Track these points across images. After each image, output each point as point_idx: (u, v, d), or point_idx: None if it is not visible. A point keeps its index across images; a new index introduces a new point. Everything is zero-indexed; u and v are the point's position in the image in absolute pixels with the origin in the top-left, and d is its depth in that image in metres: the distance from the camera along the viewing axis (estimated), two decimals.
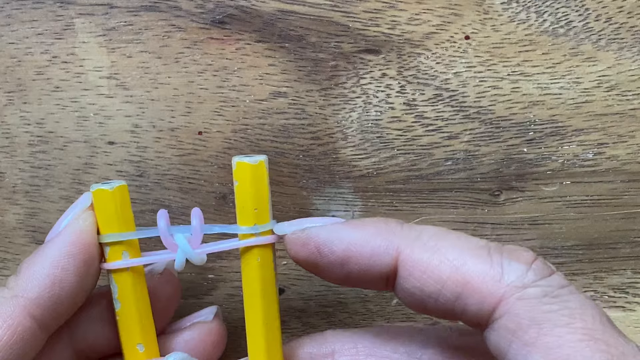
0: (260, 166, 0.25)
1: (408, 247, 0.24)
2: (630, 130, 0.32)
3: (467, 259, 0.23)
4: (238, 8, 0.30)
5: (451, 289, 0.23)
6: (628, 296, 0.33)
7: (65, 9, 0.30)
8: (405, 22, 0.31)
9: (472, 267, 0.23)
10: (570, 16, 0.31)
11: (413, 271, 0.23)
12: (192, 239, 0.26)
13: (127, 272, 0.25)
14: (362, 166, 0.32)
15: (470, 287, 0.22)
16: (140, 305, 0.26)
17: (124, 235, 0.25)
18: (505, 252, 0.23)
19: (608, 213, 0.32)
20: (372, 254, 0.24)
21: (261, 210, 0.25)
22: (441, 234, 0.24)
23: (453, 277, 0.23)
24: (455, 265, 0.23)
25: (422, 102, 0.31)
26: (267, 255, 0.26)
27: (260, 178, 0.25)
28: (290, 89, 0.31)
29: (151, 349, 0.26)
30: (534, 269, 0.23)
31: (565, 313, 0.22)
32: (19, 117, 0.31)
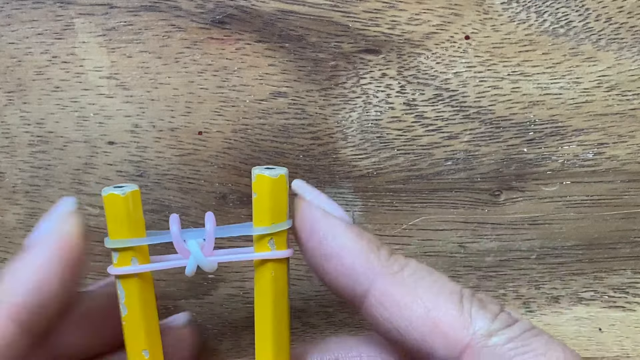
0: (281, 180, 0.25)
1: (386, 278, 0.24)
2: (630, 130, 0.32)
3: (440, 302, 0.24)
4: (238, 8, 0.30)
5: (419, 329, 0.23)
6: (628, 296, 0.33)
7: (65, 9, 0.30)
8: (405, 22, 0.31)
9: (443, 311, 0.23)
10: (570, 16, 0.31)
11: (384, 302, 0.24)
12: (205, 244, 0.26)
13: (135, 278, 0.25)
14: (362, 166, 0.32)
15: (439, 331, 0.23)
16: (147, 312, 0.25)
17: (135, 241, 0.25)
18: (475, 301, 0.24)
19: (608, 213, 0.32)
20: (351, 267, 0.24)
21: (279, 223, 0.25)
22: (422, 272, 0.25)
23: (422, 317, 0.23)
24: (427, 306, 0.23)
25: (422, 102, 0.31)
26: (281, 269, 0.25)
27: (280, 192, 0.25)
28: (290, 89, 0.31)
29: (157, 356, 0.26)
30: (500, 319, 0.23)
31: (530, 356, 0.22)
32: (19, 117, 0.31)
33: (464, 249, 0.32)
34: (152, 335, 0.26)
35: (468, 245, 0.32)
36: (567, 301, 0.33)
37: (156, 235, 0.25)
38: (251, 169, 0.25)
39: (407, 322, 0.24)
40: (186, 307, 0.32)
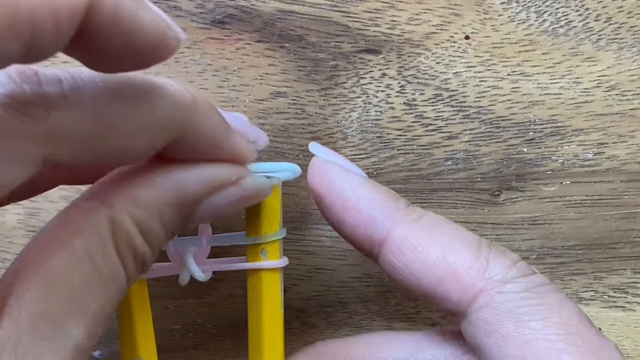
0: (274, 190, 0.25)
1: (405, 224, 0.25)
2: (630, 130, 0.32)
3: (457, 248, 0.24)
4: (238, 8, 0.30)
5: (435, 273, 0.24)
6: (628, 296, 0.33)
7: None
8: (405, 22, 0.31)
9: (460, 256, 0.24)
10: (570, 16, 0.31)
11: (403, 247, 0.24)
12: (198, 254, 0.26)
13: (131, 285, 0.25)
14: (362, 166, 0.32)
15: (454, 275, 0.23)
16: (142, 318, 0.25)
17: None
18: (493, 249, 0.24)
19: (608, 213, 0.32)
20: (370, 215, 0.25)
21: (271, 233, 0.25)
22: (440, 221, 0.25)
23: (439, 261, 0.24)
24: (444, 251, 0.24)
25: (422, 102, 0.31)
26: (273, 279, 0.25)
27: (273, 202, 0.25)
28: (290, 89, 0.31)
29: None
30: (517, 267, 0.24)
31: (543, 308, 0.22)
32: None
33: None
34: (147, 342, 0.25)
35: None
36: None
37: None
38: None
39: (424, 266, 0.24)
40: (186, 307, 0.32)
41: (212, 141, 0.22)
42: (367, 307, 0.33)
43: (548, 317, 0.22)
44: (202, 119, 0.21)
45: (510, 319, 0.22)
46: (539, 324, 0.22)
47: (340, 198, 0.25)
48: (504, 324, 0.22)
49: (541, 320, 0.22)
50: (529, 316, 0.22)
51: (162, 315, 0.33)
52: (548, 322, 0.22)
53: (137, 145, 0.20)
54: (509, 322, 0.22)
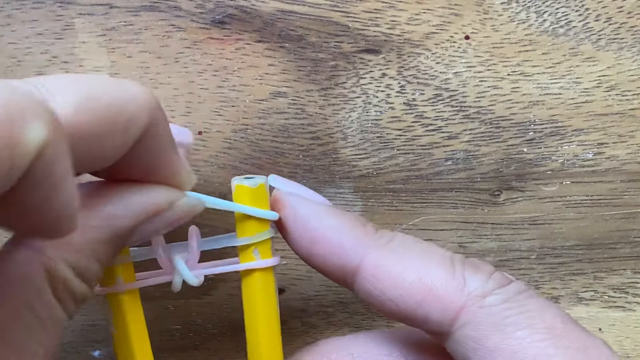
0: (261, 189, 0.25)
1: (376, 250, 0.24)
2: (630, 130, 0.32)
3: (432, 268, 0.24)
4: (238, 8, 0.30)
5: (413, 296, 0.23)
6: (628, 296, 0.33)
7: (65, 9, 0.30)
8: (405, 22, 0.31)
9: (436, 276, 0.23)
10: (570, 16, 0.31)
11: (377, 274, 0.24)
12: (190, 259, 0.26)
13: (122, 295, 0.25)
14: (362, 166, 0.32)
15: (433, 295, 0.23)
16: (137, 329, 0.25)
17: (118, 259, 0.24)
18: (467, 264, 0.24)
19: (608, 213, 0.32)
20: (340, 244, 0.24)
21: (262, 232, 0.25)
22: (410, 242, 0.25)
23: (416, 284, 0.23)
24: (419, 272, 0.23)
25: (422, 102, 0.31)
26: (268, 278, 0.25)
27: (261, 201, 0.25)
28: (290, 89, 0.31)
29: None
30: (494, 279, 0.23)
31: (526, 316, 0.22)
32: None
33: (464, 249, 0.32)
34: (143, 353, 0.25)
35: (468, 245, 0.32)
36: (567, 301, 0.33)
37: (140, 252, 0.25)
38: (231, 179, 0.25)
39: (401, 291, 0.24)
40: (186, 307, 0.32)
41: (160, 155, 0.22)
42: (367, 307, 0.33)
43: (533, 324, 0.22)
44: (162, 124, 0.21)
45: (496, 332, 0.22)
46: (525, 332, 0.22)
47: (307, 230, 0.25)
48: (490, 338, 0.22)
49: (526, 328, 0.22)
50: (514, 326, 0.22)
51: (162, 315, 0.33)
52: (533, 329, 0.22)
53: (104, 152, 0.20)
54: (495, 336, 0.22)
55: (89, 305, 0.32)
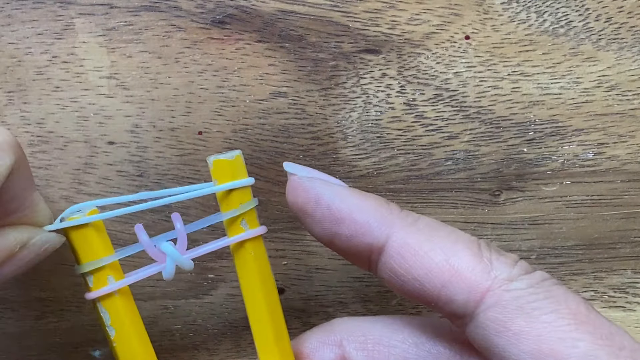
0: (238, 160, 0.25)
1: (403, 229, 0.24)
2: (630, 130, 0.32)
3: (459, 250, 0.24)
4: (238, 8, 0.30)
5: (439, 276, 0.23)
6: (628, 296, 0.33)
7: (65, 9, 0.30)
8: (405, 22, 0.31)
9: (463, 258, 0.23)
10: (570, 16, 0.31)
11: (403, 252, 0.24)
12: (178, 244, 0.25)
13: (116, 296, 0.25)
14: (362, 166, 0.32)
15: (459, 276, 0.23)
16: (136, 327, 0.25)
17: (107, 259, 0.24)
18: (493, 250, 0.24)
19: (608, 213, 0.32)
20: (366, 223, 0.24)
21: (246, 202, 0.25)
22: (436, 224, 0.25)
23: (443, 264, 0.23)
24: (446, 254, 0.24)
25: (422, 102, 0.31)
26: (259, 247, 0.26)
27: (240, 172, 0.25)
28: (290, 89, 0.31)
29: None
30: (519, 266, 0.24)
31: (551, 301, 0.22)
32: (19, 117, 0.31)
33: None
34: (145, 349, 0.25)
35: None
36: None
37: (127, 248, 0.25)
38: (206, 158, 0.25)
39: (427, 270, 0.24)
40: (186, 307, 0.32)
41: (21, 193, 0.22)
42: (367, 307, 0.33)
43: (558, 309, 0.22)
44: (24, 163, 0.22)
45: (521, 315, 0.22)
46: (550, 316, 0.22)
47: (331, 211, 0.25)
48: (515, 321, 0.22)
49: (551, 312, 0.22)
50: (540, 310, 0.22)
51: (162, 315, 0.33)
52: (559, 314, 0.22)
53: None
54: (520, 319, 0.22)
55: (90, 306, 0.32)
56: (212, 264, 0.32)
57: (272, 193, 0.32)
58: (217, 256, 0.32)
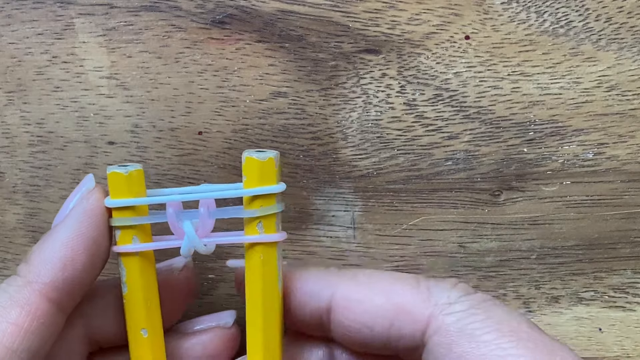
0: (270, 163, 0.25)
1: (343, 284, 0.26)
2: (630, 130, 0.32)
3: (398, 288, 0.25)
4: (238, 8, 0.30)
5: (384, 316, 0.24)
6: (628, 296, 0.33)
7: (65, 9, 0.30)
8: (405, 22, 0.31)
9: (403, 293, 0.25)
10: (570, 16, 0.31)
11: (349, 304, 0.25)
12: (200, 227, 0.26)
13: (136, 256, 0.25)
14: (362, 166, 0.32)
15: (402, 311, 0.24)
16: (148, 291, 0.26)
17: (135, 220, 0.25)
18: (431, 279, 0.25)
19: (608, 213, 0.32)
20: (310, 290, 0.26)
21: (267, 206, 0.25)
22: (375, 273, 0.26)
23: (385, 305, 0.25)
24: (387, 294, 0.25)
25: (422, 102, 0.31)
26: (270, 253, 0.26)
27: (269, 175, 0.25)
28: (290, 89, 0.31)
29: (156, 335, 0.26)
30: (458, 288, 0.25)
31: (492, 321, 0.23)
32: (19, 117, 0.31)
33: (464, 249, 0.33)
34: (152, 315, 0.26)
35: (468, 245, 0.32)
36: (567, 301, 0.33)
37: (155, 215, 0.25)
38: (242, 153, 0.25)
39: (373, 315, 0.25)
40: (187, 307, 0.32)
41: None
42: None
43: (499, 328, 0.23)
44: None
45: (464, 337, 0.23)
46: (491, 335, 0.23)
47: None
48: (459, 343, 0.23)
49: (493, 331, 0.23)
50: (481, 330, 0.23)
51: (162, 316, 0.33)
52: (500, 332, 0.23)
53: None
54: (463, 340, 0.23)
55: None
56: (212, 264, 0.32)
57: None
58: (217, 256, 0.32)
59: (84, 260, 0.24)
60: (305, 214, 0.32)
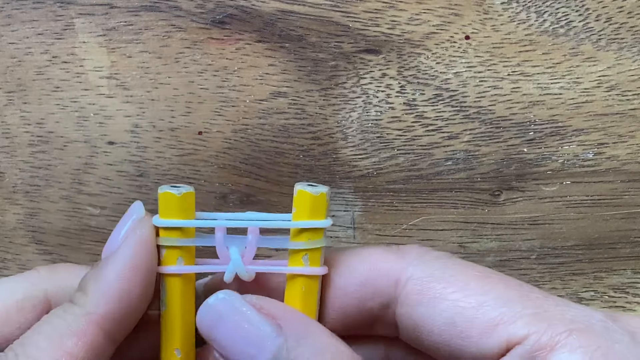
0: (321, 198, 0.25)
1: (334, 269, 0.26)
2: (630, 130, 0.32)
3: (373, 252, 0.26)
4: (238, 8, 0.30)
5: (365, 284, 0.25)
6: (628, 296, 0.33)
7: (65, 9, 0.30)
8: (405, 22, 0.31)
9: (374, 252, 0.26)
10: (570, 16, 0.31)
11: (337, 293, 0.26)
12: (246, 253, 0.26)
13: (179, 277, 0.25)
14: (362, 166, 0.32)
15: (374, 267, 0.25)
16: (185, 311, 0.26)
17: (182, 241, 0.25)
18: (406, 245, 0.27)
19: (608, 213, 0.32)
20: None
21: (315, 240, 0.25)
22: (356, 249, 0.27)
23: (358, 264, 0.26)
24: (358, 255, 0.26)
25: (422, 102, 0.31)
26: (313, 286, 0.26)
27: (320, 209, 0.25)
28: (290, 89, 0.31)
29: (189, 355, 0.26)
30: (428, 249, 0.26)
31: (462, 267, 0.25)
32: (19, 117, 0.31)
33: (464, 249, 0.33)
34: (187, 336, 0.26)
35: (468, 245, 0.32)
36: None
37: (203, 239, 0.26)
38: (294, 184, 0.25)
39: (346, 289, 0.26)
40: None
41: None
42: None
43: (466, 271, 0.24)
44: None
45: (434, 281, 0.24)
46: (461, 277, 0.24)
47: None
48: (432, 287, 0.24)
49: (462, 274, 0.24)
50: (450, 272, 0.24)
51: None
52: (468, 275, 0.24)
53: None
54: (435, 284, 0.24)
55: None
56: None
57: (272, 193, 0.32)
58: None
59: (139, 292, 0.24)
60: None
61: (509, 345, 0.23)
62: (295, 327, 0.24)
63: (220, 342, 0.25)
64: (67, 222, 0.31)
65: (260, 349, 0.24)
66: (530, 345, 0.23)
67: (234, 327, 0.24)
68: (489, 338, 0.23)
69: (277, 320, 0.24)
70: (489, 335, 0.23)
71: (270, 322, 0.24)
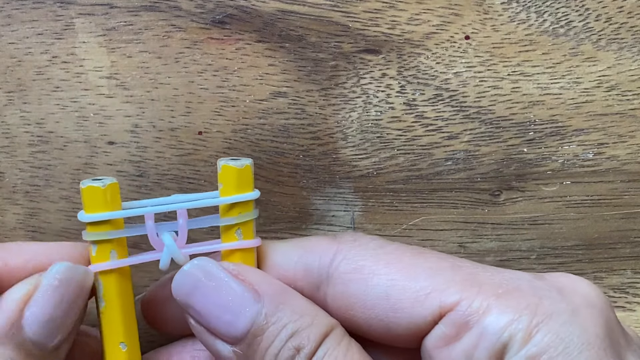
0: (246, 170, 0.25)
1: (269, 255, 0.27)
2: (630, 130, 0.32)
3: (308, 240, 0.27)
4: (238, 8, 0.30)
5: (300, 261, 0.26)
6: (628, 296, 0.33)
7: (65, 9, 0.30)
8: (405, 22, 0.31)
9: (316, 241, 0.26)
10: (570, 16, 0.31)
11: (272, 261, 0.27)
12: (178, 237, 0.26)
13: (115, 272, 0.25)
14: (362, 166, 0.32)
15: (311, 250, 0.26)
16: (125, 305, 0.25)
17: (113, 234, 0.25)
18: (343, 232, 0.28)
19: (608, 213, 0.32)
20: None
21: (245, 213, 0.25)
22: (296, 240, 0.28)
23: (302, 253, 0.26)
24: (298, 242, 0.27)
25: (422, 102, 0.31)
26: (249, 259, 0.26)
27: (246, 182, 0.25)
28: (290, 89, 0.31)
29: (133, 348, 0.26)
30: (362, 234, 0.26)
31: (395, 245, 0.26)
32: (19, 117, 0.31)
33: (464, 249, 0.33)
34: (130, 328, 0.26)
35: (468, 245, 0.32)
36: None
37: (133, 228, 0.25)
38: (217, 161, 0.26)
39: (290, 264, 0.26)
40: None
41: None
42: None
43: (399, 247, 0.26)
44: None
45: (367, 258, 0.25)
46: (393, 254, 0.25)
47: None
48: (365, 264, 0.25)
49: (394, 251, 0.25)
50: (382, 250, 0.25)
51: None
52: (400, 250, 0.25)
53: None
54: (367, 261, 0.25)
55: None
56: None
57: (272, 193, 0.32)
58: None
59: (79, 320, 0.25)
60: (305, 214, 0.32)
61: (441, 312, 0.24)
62: (273, 293, 0.24)
63: (197, 309, 0.24)
64: (67, 222, 0.31)
65: (238, 315, 0.24)
66: (462, 310, 0.23)
67: (212, 294, 0.24)
68: (421, 307, 0.24)
69: (254, 286, 0.24)
70: (421, 304, 0.24)
71: (247, 288, 0.24)
